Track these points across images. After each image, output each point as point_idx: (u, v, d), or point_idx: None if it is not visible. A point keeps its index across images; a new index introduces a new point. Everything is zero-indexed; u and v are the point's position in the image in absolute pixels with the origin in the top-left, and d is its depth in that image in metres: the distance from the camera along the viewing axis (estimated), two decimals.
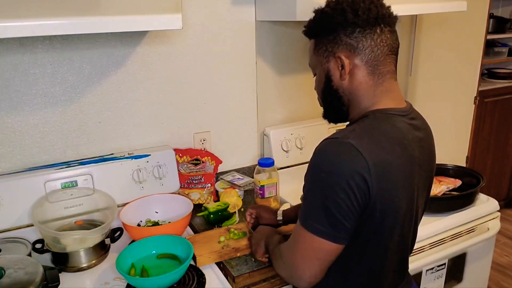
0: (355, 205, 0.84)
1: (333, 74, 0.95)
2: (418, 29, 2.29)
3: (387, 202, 0.88)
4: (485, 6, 2.44)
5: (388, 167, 0.86)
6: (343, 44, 0.92)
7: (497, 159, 3.14)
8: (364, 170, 0.82)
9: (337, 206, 0.84)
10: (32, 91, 1.41)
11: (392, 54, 0.94)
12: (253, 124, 1.84)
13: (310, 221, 0.87)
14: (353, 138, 0.85)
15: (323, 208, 0.85)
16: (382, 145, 0.87)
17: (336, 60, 0.94)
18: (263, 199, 1.57)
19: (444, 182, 1.63)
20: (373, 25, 0.90)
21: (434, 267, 1.52)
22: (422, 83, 2.39)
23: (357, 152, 0.83)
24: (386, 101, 0.94)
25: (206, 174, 1.60)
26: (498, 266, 2.71)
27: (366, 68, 0.92)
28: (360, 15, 0.89)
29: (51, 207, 1.36)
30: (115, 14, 1.11)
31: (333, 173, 0.83)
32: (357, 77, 0.93)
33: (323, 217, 0.85)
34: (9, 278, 0.98)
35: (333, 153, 0.85)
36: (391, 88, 0.95)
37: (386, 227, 0.91)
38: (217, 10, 1.63)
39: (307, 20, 1.00)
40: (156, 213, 1.46)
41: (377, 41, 0.91)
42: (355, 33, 0.90)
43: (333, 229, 0.85)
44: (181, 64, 1.62)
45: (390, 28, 0.93)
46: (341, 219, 0.84)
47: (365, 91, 0.94)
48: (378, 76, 0.93)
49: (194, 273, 1.21)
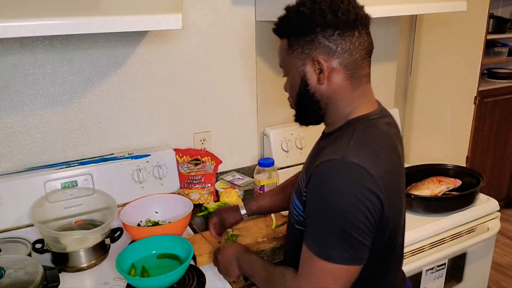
0: (372, 223, 0.83)
1: (310, 77, 0.91)
2: (418, 29, 2.29)
3: (395, 209, 0.88)
4: (485, 6, 2.43)
5: (390, 176, 0.86)
6: (322, 47, 0.87)
7: (497, 159, 3.13)
8: (375, 188, 0.81)
9: (357, 229, 0.81)
10: (32, 91, 1.41)
11: (368, 57, 0.92)
12: (253, 124, 1.84)
13: (329, 250, 0.82)
14: (353, 155, 0.83)
15: (343, 234, 0.81)
16: (379, 155, 0.87)
17: (313, 63, 0.89)
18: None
19: (444, 182, 1.63)
20: (352, 28, 0.87)
21: (434, 267, 1.52)
22: (422, 83, 2.39)
23: (364, 171, 0.81)
24: (364, 106, 0.93)
25: (206, 174, 1.60)
26: (498, 266, 2.71)
27: (344, 72, 0.89)
28: (339, 16, 0.85)
29: (51, 207, 1.36)
30: (115, 14, 1.11)
31: (348, 198, 0.80)
32: (335, 81, 0.90)
33: (344, 243, 0.81)
34: (9, 278, 0.98)
35: (341, 177, 0.82)
36: (367, 91, 0.94)
37: (395, 232, 0.92)
38: (217, 10, 1.63)
39: (278, 18, 0.95)
40: (156, 213, 1.46)
41: (356, 44, 0.88)
42: (335, 35, 0.86)
43: (356, 252, 0.83)
44: (181, 64, 1.62)
45: (367, 30, 0.90)
46: (362, 239, 0.82)
47: (343, 95, 0.91)
48: (356, 80, 0.90)
49: (194, 273, 1.21)
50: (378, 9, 1.57)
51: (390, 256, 0.97)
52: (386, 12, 1.59)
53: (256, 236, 1.34)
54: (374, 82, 0.96)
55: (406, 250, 1.43)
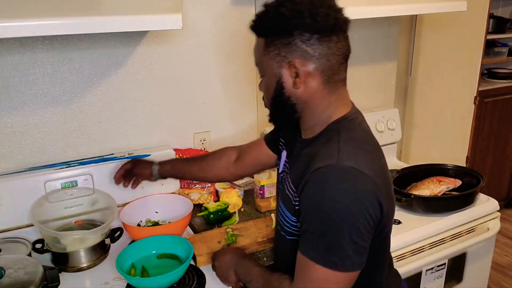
0: (372, 226, 0.83)
1: (286, 81, 0.88)
2: (418, 29, 2.29)
3: (390, 208, 0.89)
4: (485, 6, 2.43)
5: (384, 173, 0.87)
6: (299, 51, 0.85)
7: (497, 159, 3.13)
8: (375, 190, 0.81)
9: (361, 235, 0.81)
10: (32, 91, 1.41)
11: (345, 62, 0.90)
12: (253, 124, 1.84)
13: (333, 258, 0.81)
14: (347, 159, 0.81)
15: (349, 241, 0.80)
16: (370, 154, 0.87)
17: (290, 66, 0.87)
18: (263, 199, 1.57)
19: (444, 182, 1.63)
20: (331, 33, 0.84)
21: (434, 267, 1.52)
22: (422, 83, 2.39)
23: (362, 175, 0.80)
24: (341, 109, 0.92)
25: None
26: (498, 266, 2.71)
27: (321, 77, 0.87)
28: (318, 20, 0.83)
29: (51, 207, 1.36)
30: (115, 14, 1.11)
31: (349, 204, 0.79)
32: (311, 86, 0.87)
33: (348, 250, 0.80)
34: (9, 278, 0.98)
35: (340, 184, 0.80)
36: (343, 95, 0.93)
37: (387, 230, 0.93)
38: (217, 10, 1.63)
39: (256, 14, 0.92)
40: (156, 213, 1.46)
41: (334, 49, 0.85)
42: (312, 39, 0.84)
43: (358, 256, 0.82)
44: (181, 64, 1.62)
45: (345, 34, 0.88)
46: (364, 244, 0.82)
47: (319, 100, 0.89)
48: (333, 85, 0.89)
49: (194, 273, 1.21)
50: (378, 9, 1.56)
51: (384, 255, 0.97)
52: (386, 12, 1.59)
53: (256, 236, 1.34)
54: (374, 82, 0.96)
55: (406, 250, 1.44)
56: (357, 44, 1.92)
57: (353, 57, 0.92)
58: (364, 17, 1.53)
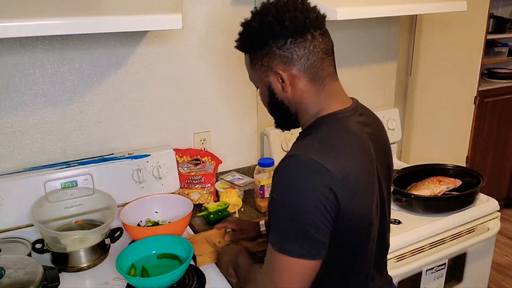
0: (329, 219, 0.83)
1: (275, 87, 0.94)
2: (418, 29, 2.29)
3: (362, 207, 0.89)
4: (485, 6, 2.43)
5: (352, 174, 0.86)
6: (278, 57, 0.90)
7: (497, 159, 3.13)
8: (332, 184, 0.82)
9: (313, 226, 0.82)
10: (32, 91, 1.41)
11: (328, 57, 0.92)
12: (253, 124, 1.84)
13: (287, 245, 0.84)
14: (312, 152, 0.84)
15: (300, 230, 0.83)
16: (341, 152, 0.87)
17: (274, 74, 0.92)
18: (263, 199, 1.57)
19: (444, 182, 1.63)
20: (303, 33, 0.88)
21: (434, 267, 1.52)
22: (422, 83, 2.39)
23: (321, 167, 0.82)
24: (332, 104, 0.93)
25: (206, 174, 1.60)
26: (498, 266, 2.71)
27: (306, 77, 0.91)
28: (287, 25, 0.87)
29: (51, 207, 1.36)
30: (115, 14, 1.11)
31: (305, 194, 0.82)
32: (299, 87, 0.92)
33: (301, 239, 0.83)
34: (9, 278, 0.98)
35: (299, 173, 0.83)
36: (334, 89, 0.94)
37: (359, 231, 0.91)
38: (217, 10, 1.63)
39: (238, 33, 0.99)
40: (156, 213, 1.46)
41: (310, 48, 0.89)
42: (287, 44, 0.88)
43: (312, 248, 0.84)
44: (181, 64, 1.62)
45: (321, 30, 0.91)
46: (319, 237, 0.83)
47: (309, 98, 0.93)
48: (319, 82, 0.92)
49: (194, 273, 1.21)
50: (378, 9, 1.56)
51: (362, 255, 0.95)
52: (386, 12, 1.59)
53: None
54: (374, 82, 0.96)
55: (406, 250, 1.44)
56: (357, 44, 1.92)
57: (353, 57, 0.93)
58: (364, 17, 1.53)
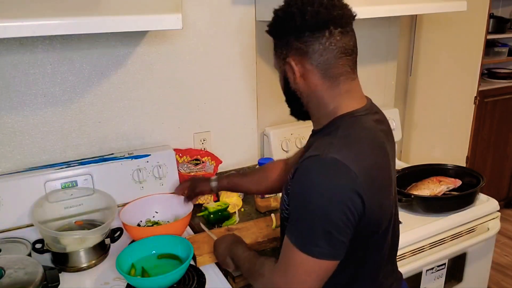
0: (352, 220, 0.84)
1: (289, 76, 0.95)
2: (418, 29, 2.29)
3: (381, 207, 0.89)
4: (485, 6, 2.43)
5: (373, 173, 0.87)
6: (294, 48, 0.91)
7: (497, 159, 3.13)
8: (356, 185, 0.82)
9: (337, 228, 0.82)
10: (32, 91, 1.41)
11: (345, 56, 0.91)
12: (253, 124, 1.84)
13: (307, 244, 0.85)
14: (334, 152, 0.84)
15: (323, 231, 0.83)
16: (362, 152, 0.87)
17: (289, 63, 0.93)
18: (263, 199, 1.57)
19: (444, 182, 1.63)
20: (322, 29, 0.88)
21: (434, 267, 1.52)
22: (422, 83, 2.39)
23: (345, 167, 0.82)
24: (348, 103, 0.93)
25: (206, 174, 1.60)
26: (498, 266, 2.71)
27: (318, 72, 0.91)
28: (308, 19, 0.88)
29: (51, 207, 1.36)
30: (115, 14, 1.11)
31: (331, 197, 0.82)
32: (311, 81, 0.92)
33: (322, 239, 0.83)
34: (9, 278, 0.98)
35: (323, 174, 0.83)
36: (350, 88, 0.94)
37: (380, 230, 0.93)
38: (217, 10, 1.63)
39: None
40: (156, 213, 1.46)
41: (326, 44, 0.89)
42: (305, 37, 0.89)
43: (333, 248, 0.84)
44: (181, 64, 1.62)
45: (342, 29, 0.90)
46: (341, 237, 0.84)
47: (321, 93, 0.93)
48: (332, 79, 0.92)
49: (194, 273, 1.21)
50: (378, 9, 1.56)
51: (379, 253, 0.97)
52: (386, 12, 1.59)
53: (257, 236, 1.34)
54: (374, 82, 0.96)
55: (406, 250, 1.44)
56: (357, 44, 1.90)
57: None
58: (364, 17, 1.52)
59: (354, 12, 0.93)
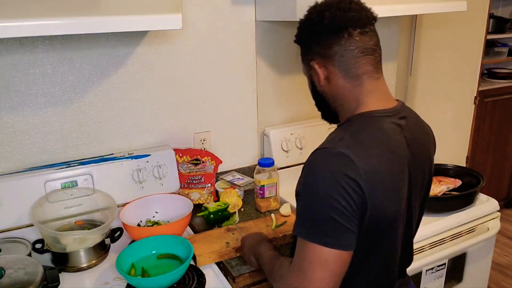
0: (355, 209, 0.84)
1: (315, 80, 1.00)
2: (418, 29, 2.29)
3: (389, 209, 0.89)
4: (485, 6, 2.44)
5: (379, 174, 0.86)
6: (315, 53, 0.96)
7: (497, 159, 3.13)
8: (357, 176, 0.83)
9: (340, 213, 0.83)
10: (32, 91, 1.41)
11: (366, 55, 0.93)
12: (253, 124, 1.84)
13: (317, 233, 0.85)
14: (342, 146, 0.86)
15: (328, 219, 0.84)
16: (371, 151, 0.87)
17: (313, 67, 0.98)
18: (263, 199, 1.57)
19: (444, 182, 1.63)
20: (340, 31, 0.92)
21: (434, 267, 1.52)
22: (422, 83, 2.39)
23: (348, 160, 0.84)
24: (370, 102, 0.94)
25: (206, 174, 1.60)
26: (498, 266, 2.71)
27: (340, 73, 0.94)
28: (325, 23, 0.92)
29: (51, 207, 1.36)
30: (115, 14, 1.11)
31: (329, 182, 0.84)
32: (334, 82, 0.96)
33: (329, 228, 0.84)
34: (9, 278, 0.98)
35: (325, 164, 0.86)
36: (374, 87, 0.95)
37: (383, 230, 0.92)
38: (217, 10, 1.63)
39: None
40: (156, 213, 1.46)
41: (345, 45, 0.92)
42: (324, 40, 0.93)
43: (341, 237, 0.85)
44: (181, 64, 1.62)
45: (361, 29, 0.93)
46: (347, 225, 0.84)
47: (345, 94, 0.96)
48: (354, 79, 0.94)
49: (194, 273, 1.21)
50: (378, 9, 1.55)
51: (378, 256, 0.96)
52: (386, 12, 1.58)
53: None
54: None
55: None
56: None
57: None
58: None
59: (375, 13, 0.97)
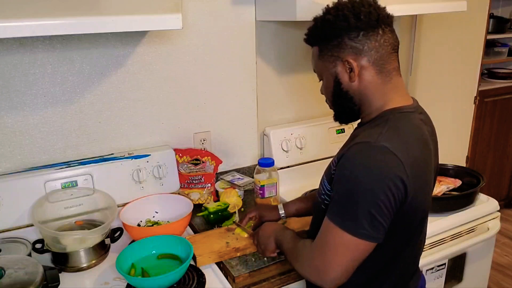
0: (393, 206, 0.88)
1: (342, 77, 0.99)
2: (418, 29, 2.29)
3: (419, 198, 0.93)
4: (485, 6, 2.44)
5: (419, 165, 0.91)
6: (349, 48, 0.96)
7: (497, 159, 3.13)
8: (401, 172, 0.86)
9: (379, 210, 0.87)
10: (32, 91, 1.41)
11: (394, 52, 0.99)
12: (253, 124, 1.84)
13: (348, 222, 0.89)
14: (384, 141, 0.89)
15: (366, 212, 0.87)
16: (410, 144, 0.92)
17: (343, 63, 0.97)
18: (263, 199, 1.57)
19: (444, 182, 1.63)
20: (375, 27, 0.95)
21: (434, 267, 1.52)
22: (422, 83, 2.39)
23: (392, 155, 0.87)
24: (397, 99, 0.99)
25: (206, 174, 1.60)
26: (498, 266, 2.71)
27: (373, 68, 0.97)
28: (362, 19, 0.94)
29: (51, 207, 1.36)
30: (115, 14, 1.11)
31: (374, 178, 0.86)
32: (366, 78, 0.97)
33: (365, 220, 0.87)
34: (9, 278, 0.98)
35: (370, 158, 0.88)
36: (398, 84, 1.01)
37: (418, 222, 0.98)
38: (217, 10, 1.63)
39: (307, 28, 1.04)
40: (156, 213, 1.46)
41: (381, 41, 0.95)
42: (360, 36, 0.95)
43: (374, 230, 0.88)
44: (181, 64, 1.62)
45: (390, 27, 0.98)
46: (382, 221, 0.88)
47: (375, 89, 0.98)
48: (386, 74, 0.98)
49: (194, 273, 1.21)
50: None
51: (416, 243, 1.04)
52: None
53: None
54: None
55: None
56: None
57: None
58: None
59: (391, 13, 1.00)
